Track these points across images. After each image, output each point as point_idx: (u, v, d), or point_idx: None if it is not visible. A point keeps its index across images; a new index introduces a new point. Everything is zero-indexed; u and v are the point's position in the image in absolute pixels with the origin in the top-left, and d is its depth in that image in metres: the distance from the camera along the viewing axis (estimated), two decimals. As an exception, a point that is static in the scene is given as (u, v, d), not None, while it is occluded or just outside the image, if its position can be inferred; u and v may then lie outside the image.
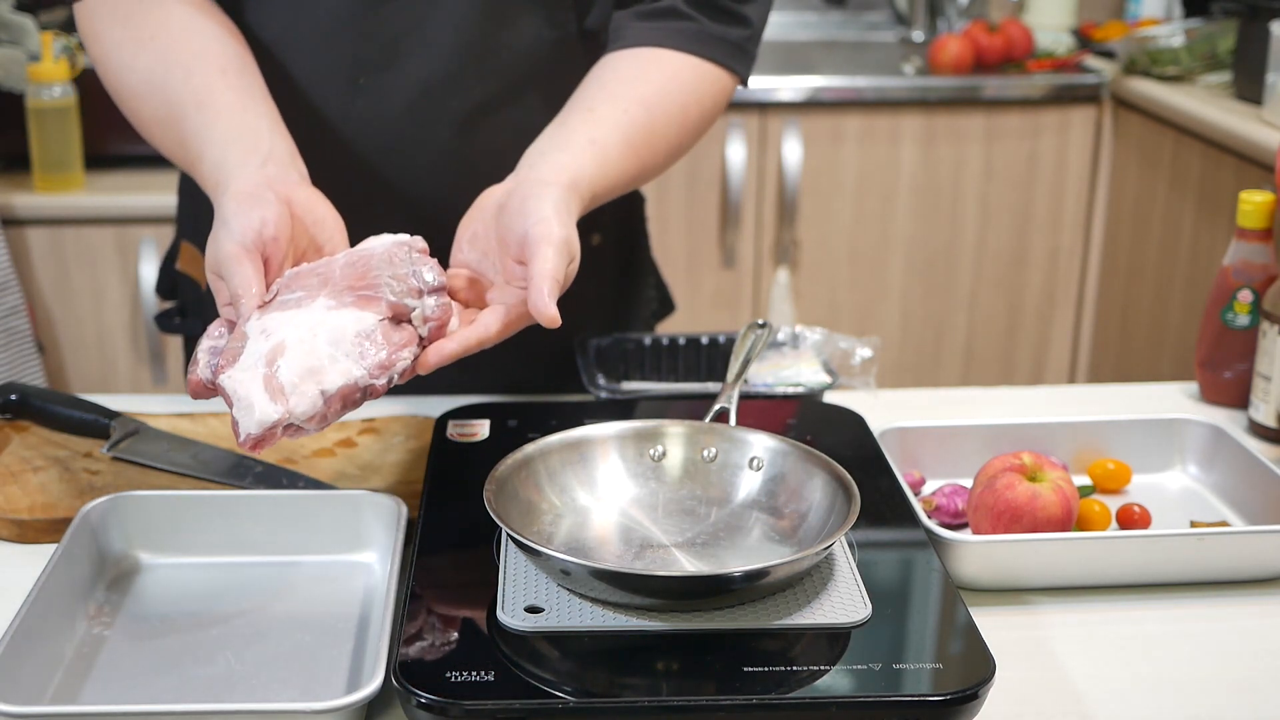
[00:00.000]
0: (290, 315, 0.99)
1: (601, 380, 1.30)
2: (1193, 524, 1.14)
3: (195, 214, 1.40)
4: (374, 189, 1.28)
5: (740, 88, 1.33)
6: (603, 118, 1.19)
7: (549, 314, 1.00)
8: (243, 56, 1.20)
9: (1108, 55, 2.93)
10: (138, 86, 1.19)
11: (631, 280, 1.52)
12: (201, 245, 1.32)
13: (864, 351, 1.35)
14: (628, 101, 1.21)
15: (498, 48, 1.26)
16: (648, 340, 1.39)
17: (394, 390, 1.40)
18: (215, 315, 1.09)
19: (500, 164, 1.19)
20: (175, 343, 2.46)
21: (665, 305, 1.60)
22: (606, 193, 1.19)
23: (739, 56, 1.30)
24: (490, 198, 1.13)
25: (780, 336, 1.37)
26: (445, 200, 1.23)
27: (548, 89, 1.28)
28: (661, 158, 1.25)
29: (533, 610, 0.91)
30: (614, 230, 1.45)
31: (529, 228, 1.05)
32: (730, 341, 1.37)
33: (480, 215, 1.13)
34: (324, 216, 1.11)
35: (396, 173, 1.29)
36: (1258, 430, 1.31)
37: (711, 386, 1.29)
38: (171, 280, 1.49)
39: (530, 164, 1.14)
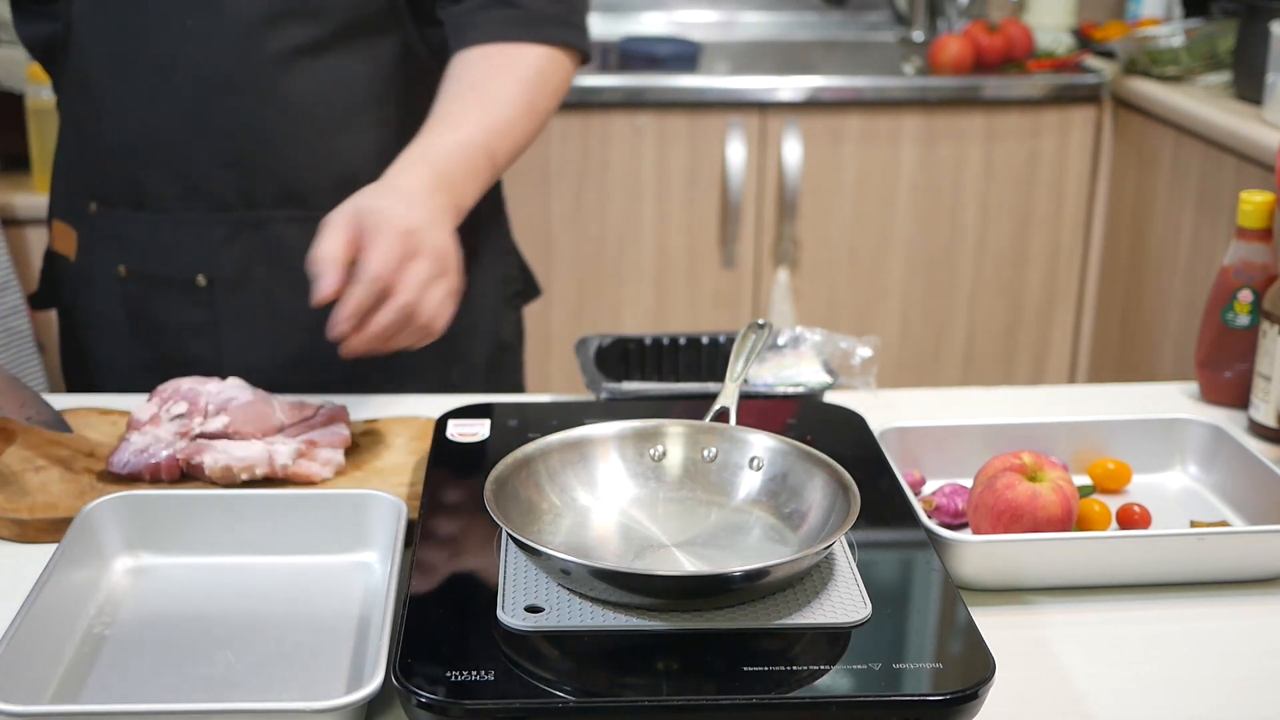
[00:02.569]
0: None
1: (604, 381, 1.30)
2: (1193, 524, 1.14)
3: (66, 193, 1.47)
4: (202, 127, 1.36)
5: (582, 64, 1.43)
6: (460, 127, 1.27)
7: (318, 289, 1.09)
8: None
9: (1108, 55, 2.93)
10: None
11: (483, 264, 1.52)
12: (74, 222, 1.45)
13: (864, 351, 1.35)
14: (480, 112, 1.29)
15: None
16: (648, 340, 1.39)
17: (394, 390, 1.41)
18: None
19: (320, 104, 1.34)
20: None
21: (529, 288, 1.63)
22: (467, 180, 1.25)
23: (570, 30, 1.38)
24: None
25: (781, 338, 1.37)
26: (265, 137, 1.35)
27: (367, 35, 1.36)
28: (515, 154, 1.34)
29: (533, 610, 0.91)
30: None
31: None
32: (730, 341, 1.37)
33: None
34: None
35: (222, 112, 1.35)
36: (1258, 430, 1.31)
37: (712, 386, 1.29)
38: (48, 265, 1.54)
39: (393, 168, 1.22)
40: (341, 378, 1.37)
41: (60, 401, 1.34)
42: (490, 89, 1.32)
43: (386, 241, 1.10)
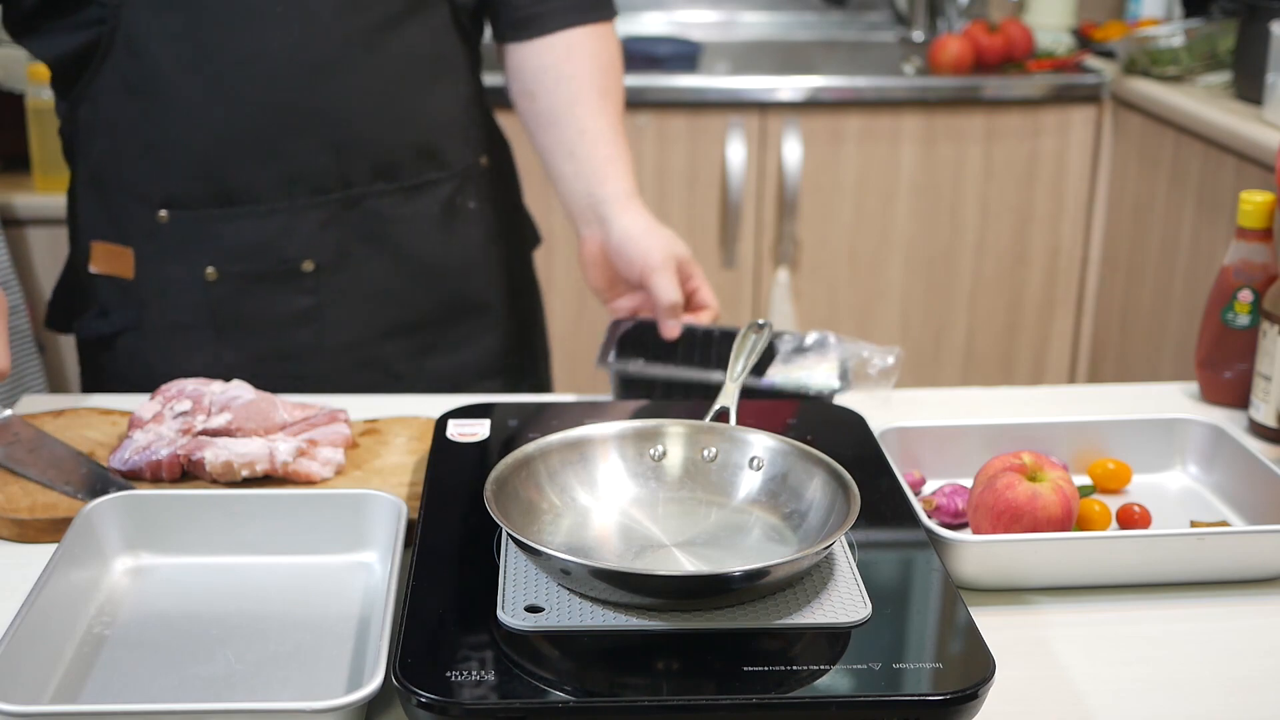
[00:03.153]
0: None
1: (612, 357, 1.33)
2: (1193, 524, 1.14)
3: (106, 210, 1.44)
4: (295, 114, 1.37)
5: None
6: (594, 130, 1.45)
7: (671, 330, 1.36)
8: None
9: (1108, 55, 2.93)
10: None
11: (510, 211, 1.64)
12: (133, 240, 1.42)
13: (881, 361, 1.35)
14: (591, 101, 1.45)
15: None
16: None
17: (394, 389, 1.41)
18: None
19: (401, 77, 1.40)
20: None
21: (533, 236, 1.72)
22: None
23: (607, 5, 1.52)
24: (593, 252, 1.45)
25: (809, 338, 1.37)
26: (357, 115, 1.39)
27: (425, 6, 1.41)
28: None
29: (533, 610, 0.91)
30: (493, 157, 1.59)
31: (641, 266, 1.39)
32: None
33: (599, 268, 1.46)
34: None
35: (315, 96, 1.37)
36: (1258, 430, 1.31)
37: (716, 375, 1.29)
38: (72, 287, 1.50)
39: (595, 212, 1.44)
40: (431, 342, 1.50)
41: (60, 401, 1.34)
42: (613, 91, 1.48)
43: (701, 277, 1.44)
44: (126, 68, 1.35)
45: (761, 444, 1.06)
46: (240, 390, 1.22)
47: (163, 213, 1.39)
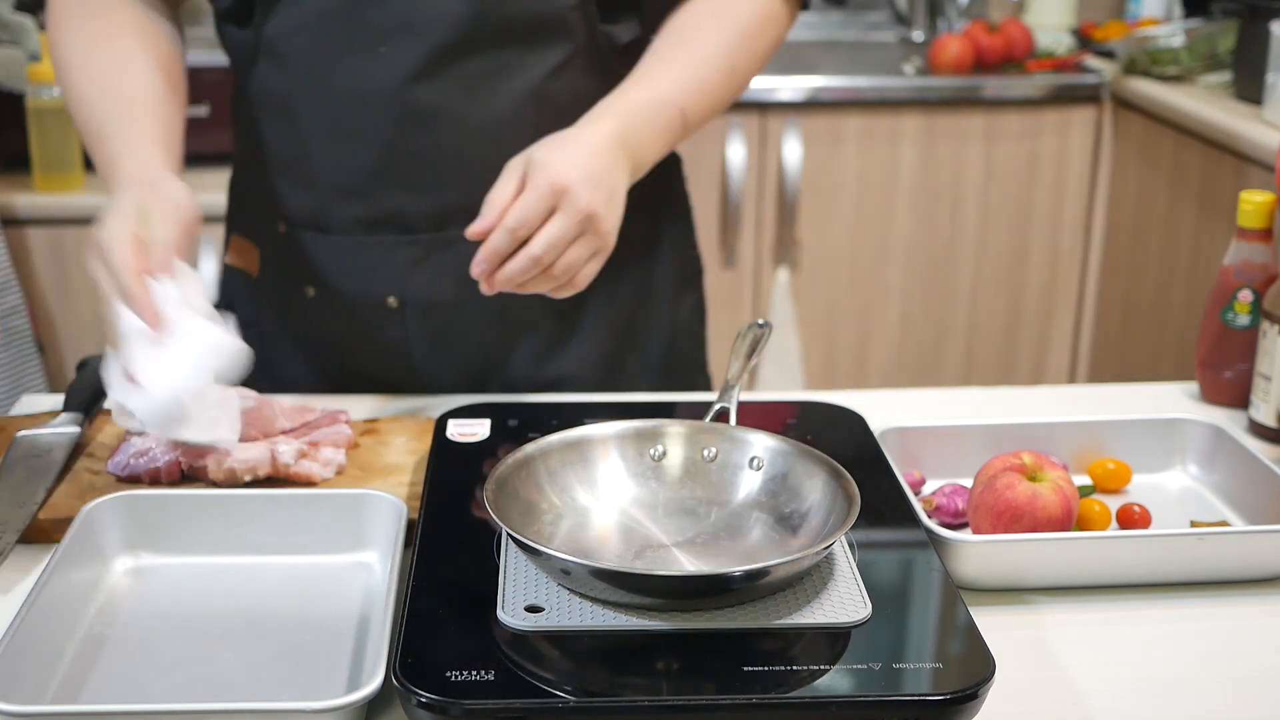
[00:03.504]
0: None
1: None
2: (1193, 524, 1.14)
3: (243, 206, 1.45)
4: (396, 157, 1.33)
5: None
6: (656, 83, 1.28)
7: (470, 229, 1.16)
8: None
9: (1108, 55, 2.93)
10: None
11: (663, 251, 1.51)
12: (258, 238, 1.43)
13: None
14: (680, 68, 1.30)
15: (511, 12, 1.29)
16: None
17: (395, 389, 1.41)
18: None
19: (509, 124, 1.29)
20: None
21: (693, 264, 1.59)
22: (653, 137, 1.26)
23: None
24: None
25: None
26: (458, 162, 1.31)
27: (550, 42, 1.32)
28: (710, 114, 1.33)
29: (533, 610, 0.91)
30: (640, 190, 1.39)
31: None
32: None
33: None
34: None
35: (417, 142, 1.32)
36: (1258, 430, 1.31)
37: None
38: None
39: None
40: (525, 383, 1.41)
41: (60, 401, 1.34)
42: (693, 46, 1.31)
43: (534, 195, 1.15)
44: (269, 83, 1.33)
45: (761, 444, 1.06)
46: (241, 397, 1.21)
47: (282, 226, 1.39)
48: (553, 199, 1.15)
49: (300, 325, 1.42)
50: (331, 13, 1.28)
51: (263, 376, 1.41)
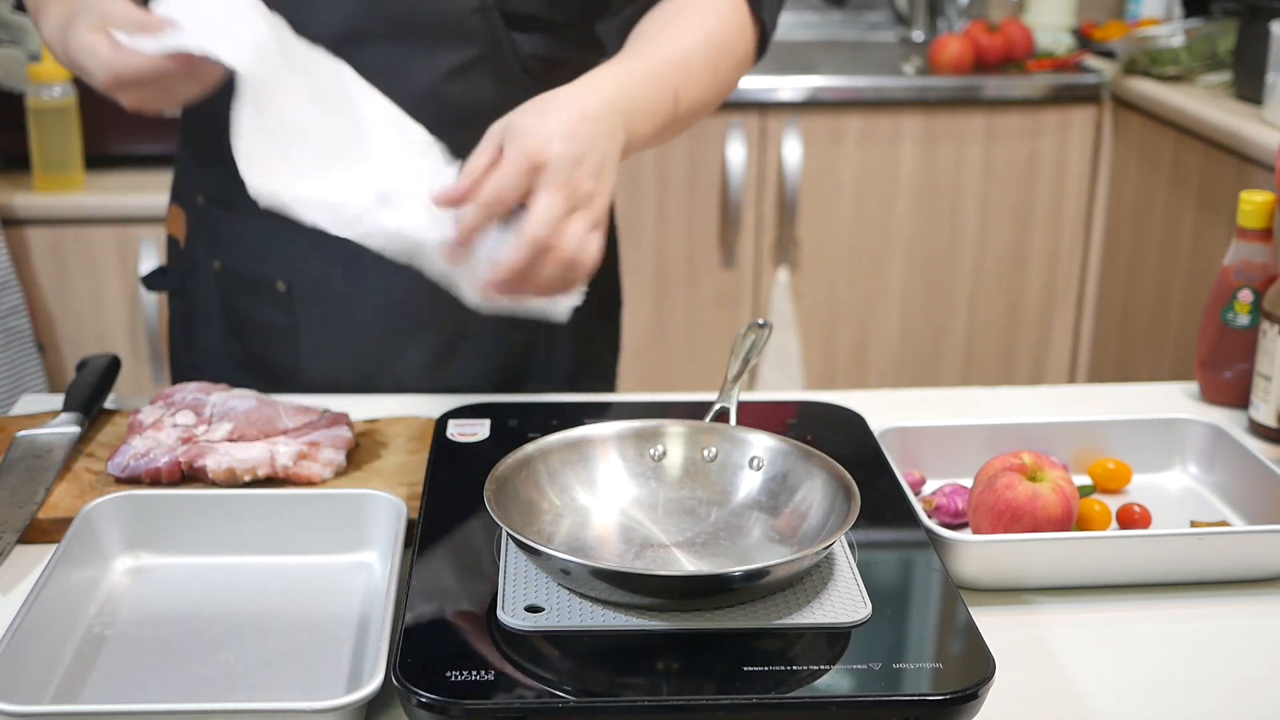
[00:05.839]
0: None
1: None
2: (1193, 524, 1.14)
3: (184, 180, 1.46)
4: None
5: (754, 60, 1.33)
6: (650, 58, 1.20)
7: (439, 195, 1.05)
8: None
9: (1108, 55, 2.93)
10: None
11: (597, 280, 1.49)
12: (186, 208, 1.44)
13: None
14: (671, 48, 1.22)
15: (408, 8, 1.27)
16: None
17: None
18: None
19: (487, 114, 1.19)
20: (175, 343, 2.46)
21: (612, 298, 1.55)
22: (649, 113, 1.17)
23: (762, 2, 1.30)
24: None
25: None
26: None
27: (459, 50, 1.29)
28: (696, 110, 1.25)
29: (533, 610, 0.91)
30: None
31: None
32: None
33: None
34: None
35: None
36: (1258, 430, 1.31)
37: None
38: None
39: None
40: (417, 386, 1.39)
41: (60, 401, 1.34)
42: (677, 37, 1.23)
43: (510, 167, 1.04)
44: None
45: (761, 444, 1.06)
46: (240, 400, 1.21)
47: (200, 198, 1.42)
48: (531, 173, 1.04)
49: (211, 299, 1.44)
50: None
51: (185, 349, 1.48)
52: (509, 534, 0.92)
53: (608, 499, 1.05)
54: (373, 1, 1.27)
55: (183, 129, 1.47)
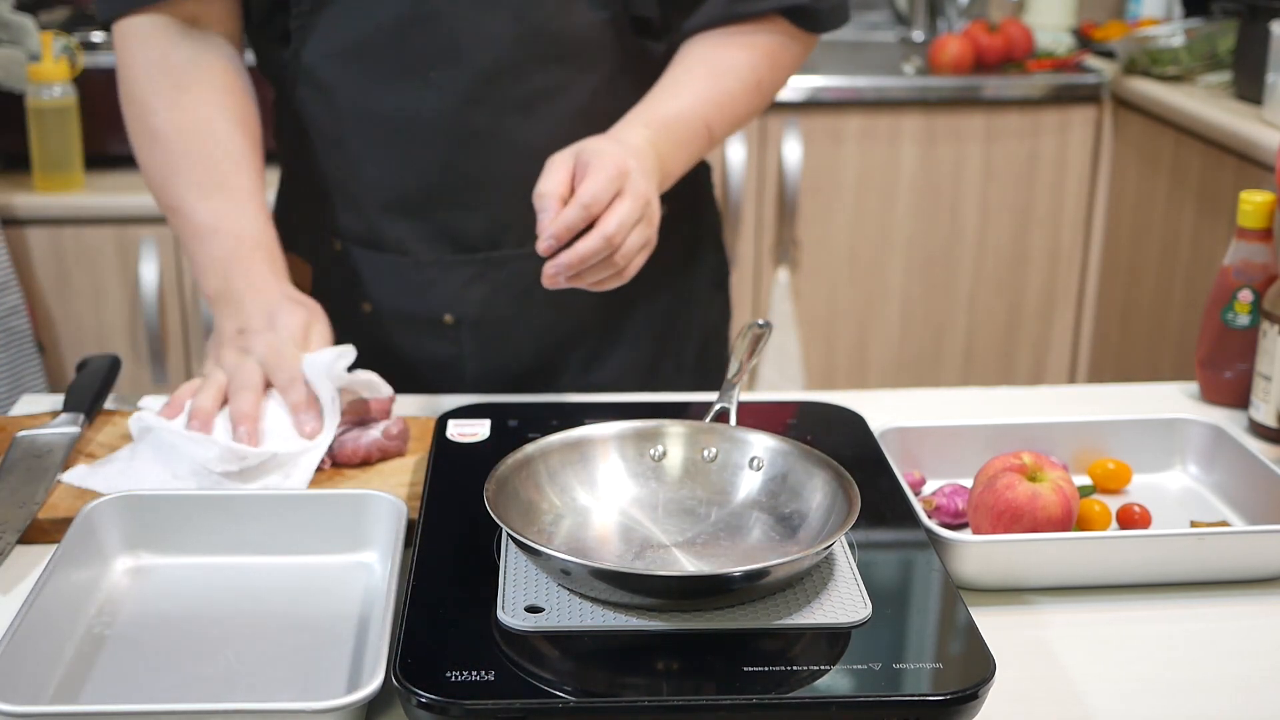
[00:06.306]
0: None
1: None
2: (1193, 524, 1.14)
3: (303, 228, 1.44)
4: (448, 180, 1.34)
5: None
6: (681, 96, 1.30)
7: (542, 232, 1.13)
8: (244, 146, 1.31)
9: (1108, 55, 2.93)
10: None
11: (700, 258, 1.53)
12: (312, 256, 1.44)
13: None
14: (704, 84, 1.31)
15: (554, 32, 1.30)
16: None
17: (394, 390, 1.41)
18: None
19: (560, 142, 1.25)
20: (176, 343, 2.46)
21: (723, 268, 1.60)
22: (678, 149, 1.28)
23: (806, 15, 1.35)
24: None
25: None
26: (511, 182, 1.30)
27: (602, 66, 1.33)
28: (734, 127, 1.35)
29: (533, 610, 0.91)
30: (680, 200, 1.44)
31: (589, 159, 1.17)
32: None
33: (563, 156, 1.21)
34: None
35: (469, 164, 1.33)
36: (1258, 430, 1.31)
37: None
38: None
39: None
40: (570, 388, 1.42)
41: (60, 401, 1.34)
42: (718, 61, 1.33)
43: (603, 173, 1.14)
44: (312, 107, 1.34)
45: (761, 444, 1.06)
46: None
47: (337, 244, 1.40)
48: (620, 180, 1.15)
49: (356, 340, 1.41)
50: (372, 41, 1.29)
51: None
52: (509, 534, 0.92)
53: (608, 499, 1.05)
54: (518, 35, 1.28)
55: (289, 174, 1.45)
